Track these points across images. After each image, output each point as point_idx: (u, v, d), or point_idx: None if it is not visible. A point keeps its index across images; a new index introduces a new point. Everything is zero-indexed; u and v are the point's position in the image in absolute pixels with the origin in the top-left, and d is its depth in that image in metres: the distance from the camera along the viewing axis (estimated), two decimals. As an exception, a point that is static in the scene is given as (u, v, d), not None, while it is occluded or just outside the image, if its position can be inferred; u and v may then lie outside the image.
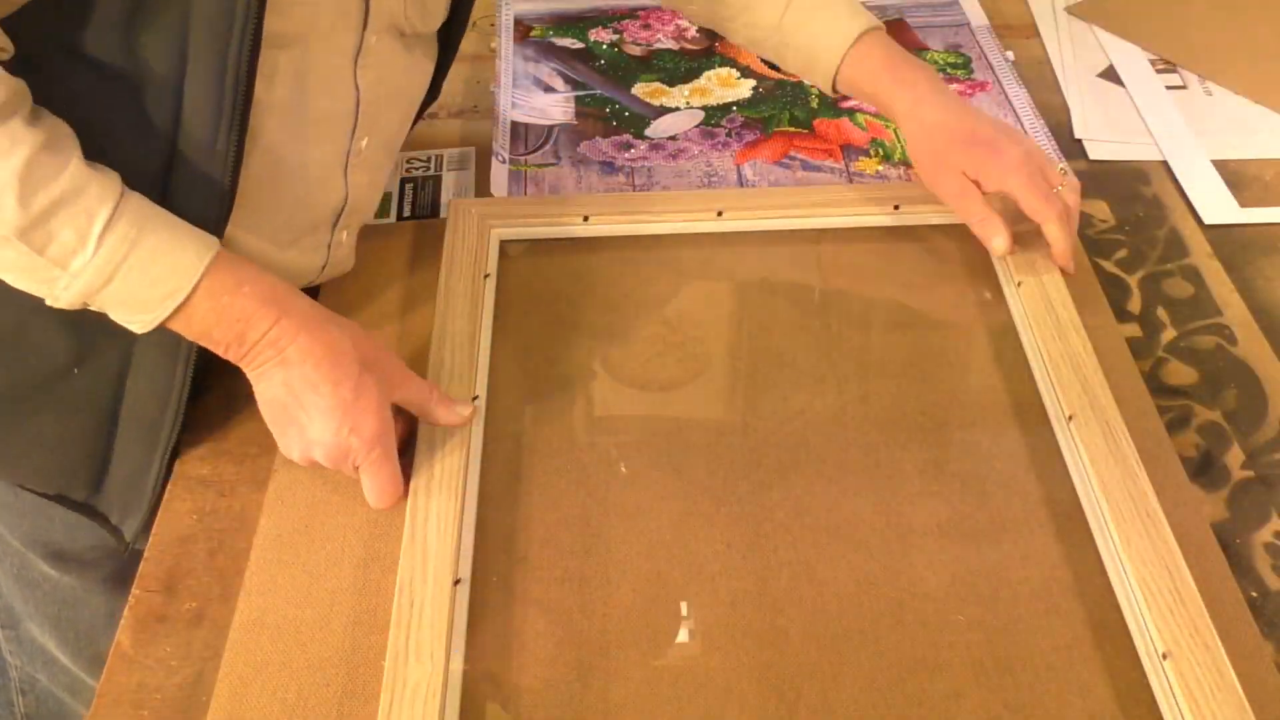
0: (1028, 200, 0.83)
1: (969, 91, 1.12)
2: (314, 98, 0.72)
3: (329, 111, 0.75)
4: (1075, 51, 1.18)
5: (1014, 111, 1.09)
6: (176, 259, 0.66)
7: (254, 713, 0.64)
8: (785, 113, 1.10)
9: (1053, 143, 1.05)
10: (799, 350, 0.84)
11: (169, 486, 0.76)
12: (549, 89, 1.14)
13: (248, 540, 0.73)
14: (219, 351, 0.69)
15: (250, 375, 0.71)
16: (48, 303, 0.66)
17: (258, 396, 0.71)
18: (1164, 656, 0.63)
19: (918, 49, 1.18)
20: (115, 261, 0.64)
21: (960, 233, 0.88)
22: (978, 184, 0.84)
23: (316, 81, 0.72)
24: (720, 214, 0.92)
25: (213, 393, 0.82)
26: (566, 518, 0.73)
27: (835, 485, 0.75)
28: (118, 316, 0.67)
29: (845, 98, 0.96)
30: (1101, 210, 0.97)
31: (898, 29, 1.21)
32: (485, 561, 0.71)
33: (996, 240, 0.85)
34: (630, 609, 0.69)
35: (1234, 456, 0.78)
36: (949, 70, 1.15)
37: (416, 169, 1.02)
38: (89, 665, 0.94)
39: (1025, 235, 0.86)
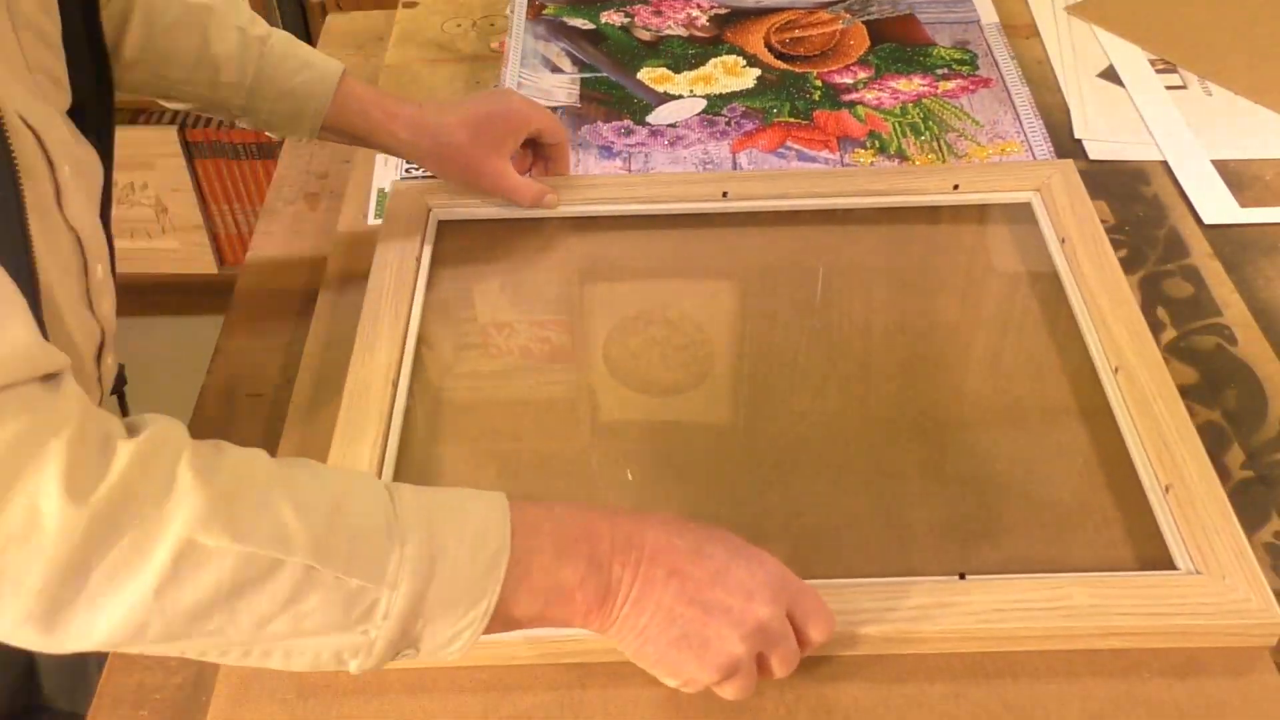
0: (552, 130, 0.92)
1: (971, 87, 1.12)
2: (42, 255, 0.63)
3: (58, 260, 0.66)
4: (1075, 51, 1.18)
5: (1015, 110, 1.09)
6: (476, 515, 0.55)
7: (254, 713, 0.64)
8: (787, 104, 1.10)
9: (1051, 143, 1.05)
10: (799, 349, 0.84)
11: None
12: (556, 69, 1.15)
13: (248, 540, 0.72)
14: (571, 606, 0.56)
15: (622, 616, 0.57)
16: (352, 668, 0.53)
17: (640, 638, 0.57)
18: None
19: (925, 44, 1.18)
20: (426, 541, 0.52)
21: (953, 229, 0.88)
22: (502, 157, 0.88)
23: (42, 240, 0.63)
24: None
25: (212, 393, 0.82)
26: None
27: (835, 485, 0.75)
28: (440, 634, 0.53)
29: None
30: (1101, 210, 0.97)
31: (908, 24, 1.21)
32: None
33: (550, 197, 0.91)
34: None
35: (1234, 456, 0.78)
36: (953, 66, 1.15)
37: (416, 168, 1.01)
38: None
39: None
